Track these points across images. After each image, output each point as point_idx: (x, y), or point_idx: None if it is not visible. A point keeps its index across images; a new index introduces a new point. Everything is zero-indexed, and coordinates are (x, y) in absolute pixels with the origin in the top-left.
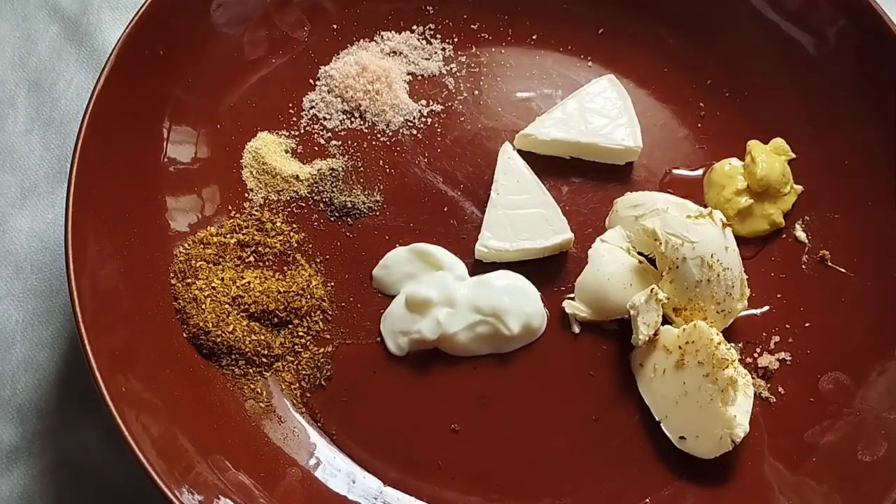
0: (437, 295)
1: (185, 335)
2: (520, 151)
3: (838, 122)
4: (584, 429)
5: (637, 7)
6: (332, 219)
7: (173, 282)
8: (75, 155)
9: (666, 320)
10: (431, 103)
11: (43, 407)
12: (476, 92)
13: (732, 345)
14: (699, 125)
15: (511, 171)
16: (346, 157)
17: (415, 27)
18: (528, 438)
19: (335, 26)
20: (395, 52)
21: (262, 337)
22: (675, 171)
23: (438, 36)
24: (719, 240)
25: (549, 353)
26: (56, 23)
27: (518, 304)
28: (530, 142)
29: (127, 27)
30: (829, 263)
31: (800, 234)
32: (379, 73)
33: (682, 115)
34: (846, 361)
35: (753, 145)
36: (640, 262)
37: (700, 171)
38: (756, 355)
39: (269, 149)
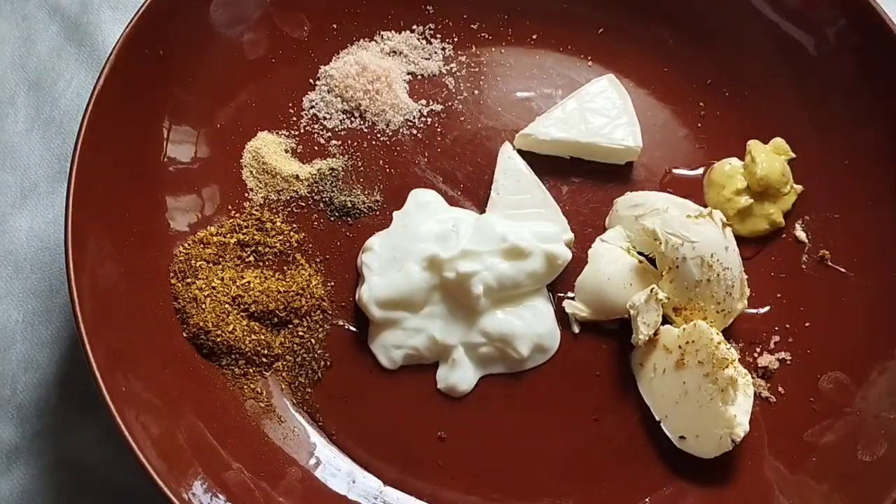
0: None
1: (185, 335)
2: (520, 151)
3: (838, 122)
4: (584, 429)
5: (637, 7)
6: (332, 219)
7: (173, 282)
8: (75, 155)
9: (666, 320)
10: (431, 103)
11: (43, 407)
12: (476, 92)
13: (732, 344)
14: (699, 125)
15: (511, 171)
16: (346, 156)
17: (415, 27)
18: (528, 438)
19: (335, 26)
20: (395, 52)
21: (262, 337)
22: (675, 171)
23: (438, 36)
24: (719, 240)
25: None
26: (56, 23)
27: (529, 325)
28: (530, 142)
29: (127, 27)
30: (829, 263)
31: (800, 234)
32: (379, 73)
33: (682, 115)
34: (846, 361)
35: (753, 145)
36: (640, 262)
37: (700, 171)
38: (756, 355)
39: (269, 148)
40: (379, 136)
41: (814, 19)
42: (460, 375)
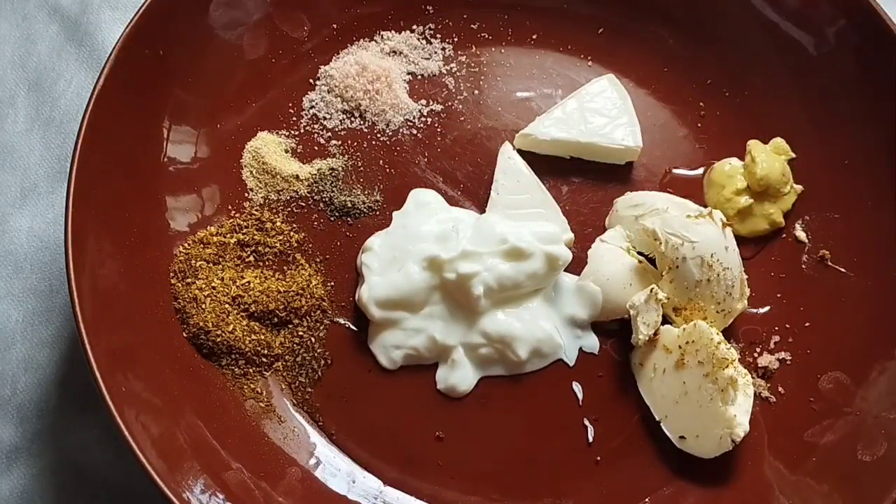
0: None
1: (185, 335)
2: (520, 151)
3: (838, 122)
4: (584, 429)
5: (637, 7)
6: (332, 219)
7: (173, 281)
8: (75, 155)
9: (666, 320)
10: (431, 103)
11: (43, 407)
12: (476, 92)
13: (732, 344)
14: (699, 125)
15: (511, 171)
16: (346, 156)
17: (415, 27)
18: (527, 438)
19: (335, 26)
20: (395, 52)
21: (262, 337)
22: (675, 171)
23: (438, 36)
24: (719, 240)
25: None
26: (56, 23)
27: (529, 329)
28: (530, 142)
29: (127, 27)
30: (829, 263)
31: (800, 234)
32: (379, 73)
33: (682, 115)
34: (846, 361)
35: (753, 145)
36: (640, 262)
37: (700, 171)
38: (756, 355)
39: (269, 148)
40: (379, 136)
41: (814, 19)
42: (460, 376)
